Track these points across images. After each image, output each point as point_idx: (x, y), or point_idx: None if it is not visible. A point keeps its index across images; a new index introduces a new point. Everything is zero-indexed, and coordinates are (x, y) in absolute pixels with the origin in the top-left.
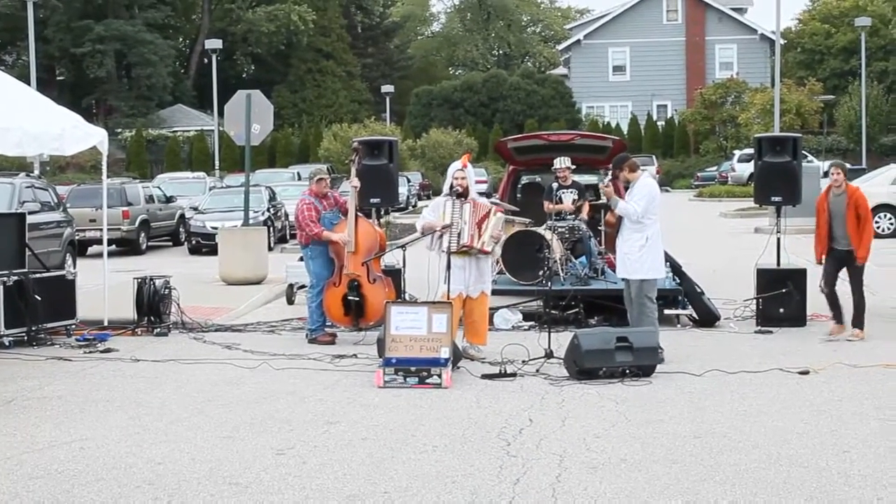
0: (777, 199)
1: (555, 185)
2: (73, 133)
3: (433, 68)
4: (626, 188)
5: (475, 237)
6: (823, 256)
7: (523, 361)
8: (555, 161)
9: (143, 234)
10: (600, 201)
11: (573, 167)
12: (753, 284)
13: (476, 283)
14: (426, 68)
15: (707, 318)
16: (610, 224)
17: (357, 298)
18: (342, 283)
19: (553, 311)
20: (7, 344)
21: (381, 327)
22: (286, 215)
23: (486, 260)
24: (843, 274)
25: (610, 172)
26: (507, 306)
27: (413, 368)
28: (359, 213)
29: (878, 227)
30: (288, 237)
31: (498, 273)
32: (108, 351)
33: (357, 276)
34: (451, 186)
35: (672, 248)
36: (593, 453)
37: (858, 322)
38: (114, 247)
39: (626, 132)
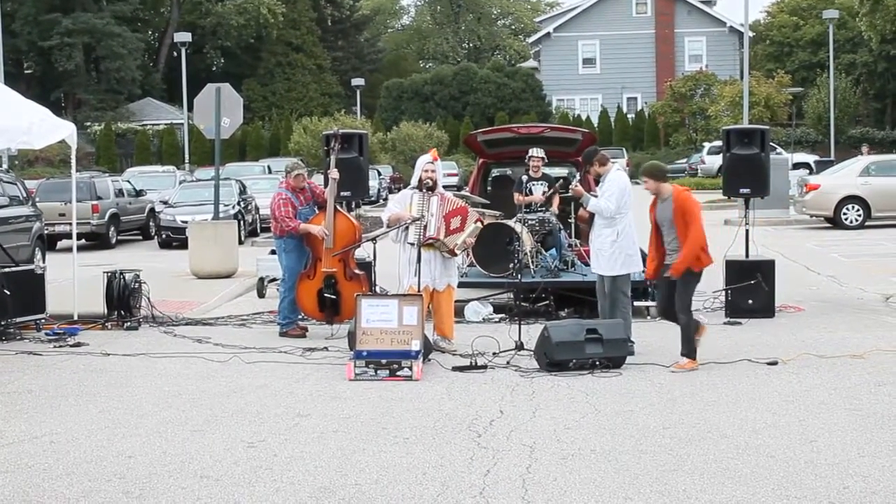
0: (745, 191)
1: (525, 177)
2: (42, 127)
3: (403, 61)
4: (598, 182)
5: (442, 230)
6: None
7: (494, 354)
8: (530, 150)
9: (112, 228)
10: (570, 193)
11: (546, 159)
12: (722, 276)
13: (442, 277)
14: (396, 61)
15: None
16: (583, 219)
17: (333, 296)
18: (317, 277)
19: (523, 304)
20: None
21: (352, 320)
22: (257, 209)
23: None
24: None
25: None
26: (478, 299)
27: (384, 361)
28: (337, 207)
29: (846, 219)
30: (259, 230)
31: (468, 266)
32: (77, 345)
33: (334, 272)
34: (421, 179)
35: (642, 241)
36: (563, 444)
37: (686, 349)
38: (83, 241)
39: (596, 125)
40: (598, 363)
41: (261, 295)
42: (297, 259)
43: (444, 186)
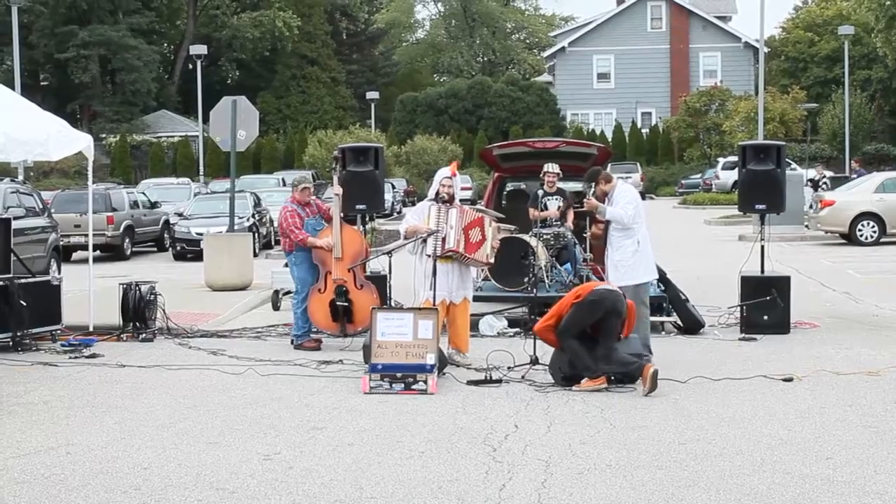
0: (761, 206)
1: (540, 192)
2: (59, 138)
3: (418, 75)
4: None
5: (461, 242)
6: None
7: (509, 368)
8: (545, 166)
9: (127, 240)
10: (584, 208)
11: (561, 174)
12: (737, 292)
13: (458, 290)
14: (411, 75)
15: (691, 325)
16: (596, 236)
17: (345, 304)
18: (328, 289)
19: (538, 318)
20: None
21: (367, 333)
22: (271, 221)
23: (468, 266)
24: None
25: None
26: (493, 313)
27: (399, 374)
28: (343, 220)
29: (861, 235)
30: (273, 243)
31: (483, 279)
32: (93, 356)
33: (344, 281)
34: (438, 192)
35: (656, 256)
36: (579, 459)
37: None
38: (98, 252)
39: (610, 139)
40: (612, 378)
41: (275, 307)
42: (307, 270)
43: (460, 200)
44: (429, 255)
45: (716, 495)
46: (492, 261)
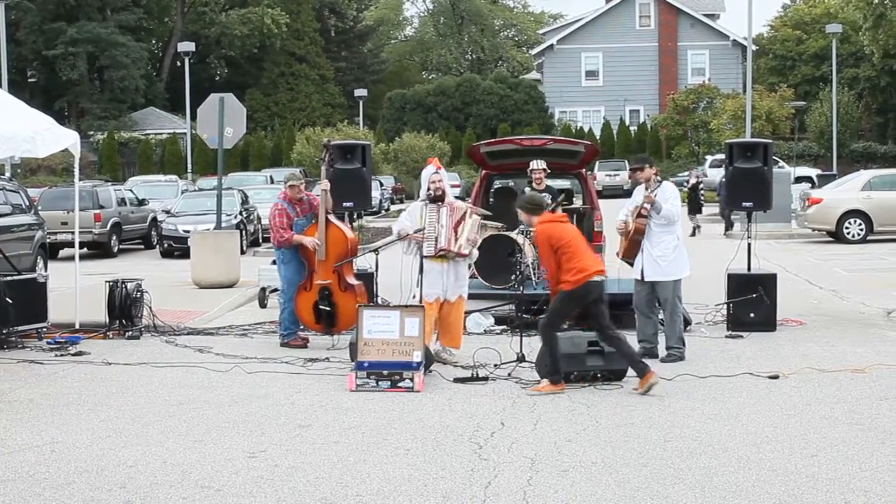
0: (748, 204)
1: (527, 189)
2: (46, 135)
3: (406, 72)
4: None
5: (452, 241)
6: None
7: (495, 365)
8: (531, 163)
9: (114, 237)
10: (572, 206)
11: (548, 171)
12: (724, 289)
13: (454, 288)
14: (399, 72)
15: None
16: (639, 231)
17: (328, 308)
18: (313, 290)
19: (525, 316)
20: None
21: (354, 331)
22: (259, 219)
23: (463, 263)
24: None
25: (645, 175)
26: (480, 310)
27: (385, 372)
28: (331, 218)
29: (848, 233)
30: (261, 240)
31: (470, 277)
32: (79, 354)
33: (328, 284)
34: (429, 191)
35: None
36: (564, 457)
37: (549, 369)
38: (85, 250)
39: (598, 137)
40: (599, 375)
41: (262, 305)
42: (295, 270)
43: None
44: (425, 257)
45: (701, 492)
46: (465, 252)
